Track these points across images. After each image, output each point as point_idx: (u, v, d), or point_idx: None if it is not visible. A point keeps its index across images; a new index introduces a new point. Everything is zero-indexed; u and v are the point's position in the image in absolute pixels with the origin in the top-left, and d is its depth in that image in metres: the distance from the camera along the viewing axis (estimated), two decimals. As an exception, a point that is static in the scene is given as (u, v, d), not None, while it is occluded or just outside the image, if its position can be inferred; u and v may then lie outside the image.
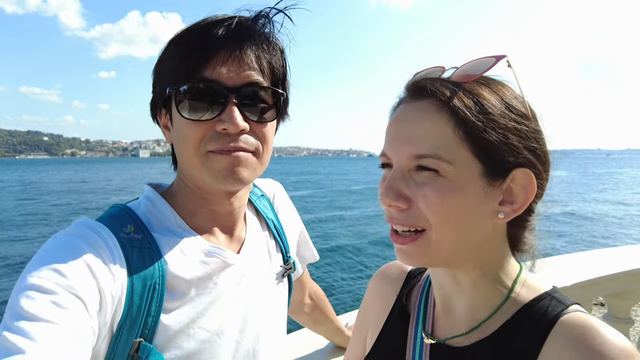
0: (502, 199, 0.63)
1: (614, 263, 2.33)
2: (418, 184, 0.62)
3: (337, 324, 1.48)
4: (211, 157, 0.78)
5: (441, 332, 0.74)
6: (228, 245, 0.90)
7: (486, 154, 0.60)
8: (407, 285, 0.86)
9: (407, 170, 0.63)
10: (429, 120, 0.61)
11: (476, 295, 0.69)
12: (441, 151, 0.59)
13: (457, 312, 0.72)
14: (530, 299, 0.66)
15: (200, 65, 0.77)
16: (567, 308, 0.63)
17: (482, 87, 0.62)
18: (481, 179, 0.60)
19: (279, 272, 1.01)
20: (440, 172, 0.59)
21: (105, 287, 0.68)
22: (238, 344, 0.85)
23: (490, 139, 0.59)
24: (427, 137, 0.60)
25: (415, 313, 0.79)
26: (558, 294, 0.67)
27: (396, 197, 0.62)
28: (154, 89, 0.86)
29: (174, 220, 0.84)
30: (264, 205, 1.06)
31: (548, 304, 0.65)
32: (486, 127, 0.59)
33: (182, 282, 0.79)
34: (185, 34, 0.80)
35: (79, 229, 0.73)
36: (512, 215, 0.63)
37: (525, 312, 0.65)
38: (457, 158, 0.59)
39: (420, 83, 0.64)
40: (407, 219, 0.63)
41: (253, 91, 0.80)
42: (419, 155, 0.60)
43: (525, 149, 0.61)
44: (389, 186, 0.63)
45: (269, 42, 0.82)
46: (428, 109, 0.61)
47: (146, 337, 0.73)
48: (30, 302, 0.60)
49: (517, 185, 0.62)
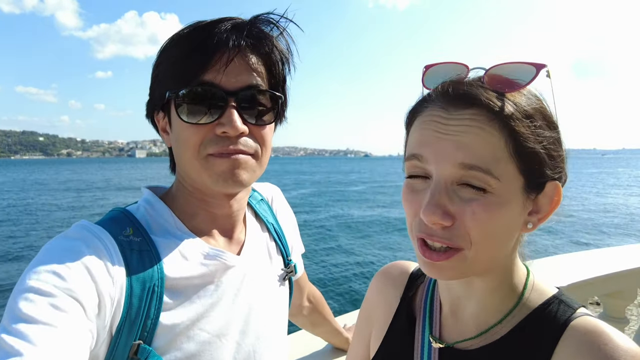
0: (531, 209, 0.62)
1: (609, 263, 2.36)
2: (464, 200, 0.58)
3: (335, 325, 1.49)
4: (211, 160, 0.79)
5: (449, 335, 0.73)
6: (228, 247, 0.91)
7: (531, 169, 0.58)
8: (410, 286, 0.84)
9: (451, 183, 0.58)
10: (480, 130, 0.56)
11: (489, 300, 0.68)
12: (493, 165, 0.56)
13: (466, 315, 0.71)
14: (540, 303, 0.66)
15: (199, 68, 0.77)
16: (576, 312, 0.63)
17: (523, 97, 0.59)
18: (522, 193, 0.59)
19: (281, 274, 1.02)
20: (487, 189, 0.57)
21: (104, 290, 0.68)
22: (239, 346, 0.86)
23: (538, 152, 0.58)
24: (480, 147, 0.56)
25: (421, 316, 0.78)
26: (565, 297, 0.67)
27: (443, 215, 0.57)
28: (152, 92, 0.86)
29: (173, 223, 0.85)
30: (264, 209, 1.06)
31: (557, 308, 0.64)
32: (534, 142, 0.57)
33: (181, 284, 0.79)
34: (183, 37, 0.80)
35: (78, 231, 0.73)
36: (538, 225, 0.62)
37: (536, 316, 0.65)
38: (504, 173, 0.57)
39: (460, 88, 0.59)
40: (450, 236, 0.59)
41: (252, 94, 0.80)
42: (469, 165, 0.56)
43: (561, 160, 0.61)
44: (436, 203, 0.58)
45: (268, 45, 0.83)
46: (477, 119, 0.57)
47: (145, 339, 0.73)
48: (28, 305, 0.60)
49: (544, 196, 0.61)
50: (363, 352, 0.91)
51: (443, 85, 0.62)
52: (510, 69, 0.58)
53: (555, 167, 0.60)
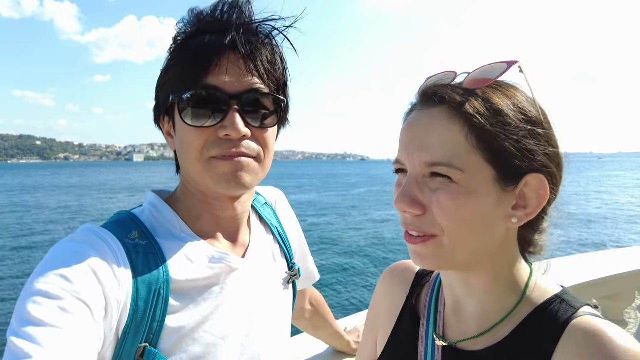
0: (515, 203, 0.63)
1: (607, 266, 2.37)
2: (432, 190, 0.62)
3: (337, 328, 1.49)
4: (214, 162, 0.79)
5: (452, 334, 0.73)
6: (232, 250, 0.91)
7: (499, 160, 0.60)
8: (416, 285, 0.85)
9: (422, 176, 0.63)
10: (441, 128, 0.61)
11: (488, 298, 0.69)
12: (454, 159, 0.60)
13: (468, 314, 0.72)
14: (541, 302, 0.66)
15: (202, 72, 0.78)
16: (578, 311, 0.63)
17: (494, 92, 0.62)
18: (494, 185, 0.61)
19: (285, 278, 1.02)
20: (453, 179, 0.60)
21: (110, 293, 0.68)
22: (243, 348, 0.86)
23: (503, 144, 0.59)
24: (440, 145, 0.60)
25: (425, 314, 0.78)
26: (568, 296, 0.67)
27: (411, 203, 0.63)
28: (157, 96, 0.87)
29: (178, 226, 0.85)
30: (268, 213, 1.07)
31: (559, 308, 0.64)
32: (499, 133, 0.59)
33: (187, 286, 0.79)
34: (186, 41, 0.82)
35: (84, 235, 0.74)
36: (525, 220, 0.63)
37: (537, 316, 0.65)
38: (469, 165, 0.60)
39: (431, 89, 0.64)
40: (421, 225, 0.63)
41: (254, 97, 0.81)
42: (432, 163, 0.61)
43: (539, 153, 0.61)
44: (404, 192, 0.63)
45: (270, 49, 0.84)
46: (440, 116, 0.62)
47: (151, 342, 0.74)
48: (36, 308, 0.60)
49: (530, 190, 0.62)
50: (372, 350, 0.92)
51: (421, 88, 0.67)
52: (486, 69, 0.63)
53: (532, 160, 0.60)
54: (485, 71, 0.62)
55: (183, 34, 0.83)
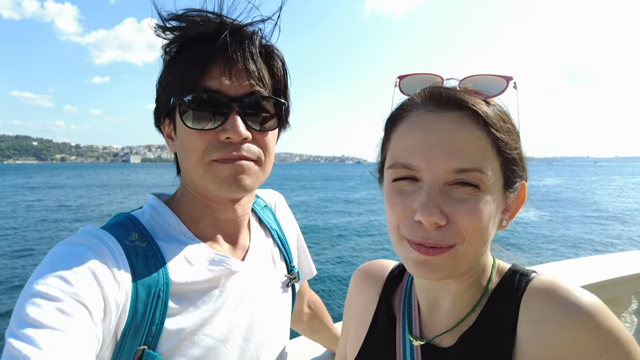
0: (504, 208, 0.66)
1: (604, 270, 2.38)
2: (457, 199, 0.59)
3: (335, 332, 1.48)
4: (215, 166, 0.79)
5: (427, 332, 0.75)
6: (232, 252, 0.91)
7: (508, 168, 0.63)
8: (389, 285, 0.86)
9: (444, 184, 0.60)
10: (469, 134, 0.60)
11: (463, 296, 0.71)
12: (485, 164, 0.60)
13: (442, 312, 0.73)
14: (498, 282, 0.70)
15: (203, 75, 0.78)
16: (530, 276, 0.67)
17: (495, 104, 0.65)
18: (502, 192, 0.64)
19: (284, 281, 1.02)
20: (481, 187, 0.59)
21: (110, 295, 0.68)
22: (242, 351, 0.86)
23: (512, 153, 0.63)
24: (470, 151, 0.59)
25: (400, 315, 0.80)
26: (519, 267, 0.71)
27: (440, 215, 0.59)
28: (158, 99, 0.86)
29: (178, 228, 0.85)
30: (268, 216, 1.07)
31: (512, 279, 0.68)
32: (513, 143, 0.63)
33: (186, 289, 0.79)
34: (187, 43, 0.81)
35: (84, 237, 0.74)
36: (509, 223, 0.67)
37: (496, 295, 0.69)
38: (492, 172, 0.61)
39: (451, 93, 0.63)
40: (444, 237, 0.60)
41: (255, 100, 0.81)
42: (462, 169, 0.58)
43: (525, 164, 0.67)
44: (433, 202, 0.59)
45: (270, 52, 0.84)
46: (463, 122, 0.61)
47: (150, 344, 0.73)
48: (36, 309, 0.60)
49: (514, 195, 0.67)
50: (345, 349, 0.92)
51: (432, 89, 0.64)
52: (481, 81, 0.64)
53: (524, 168, 0.67)
54: (482, 83, 0.65)
55: (182, 36, 0.83)
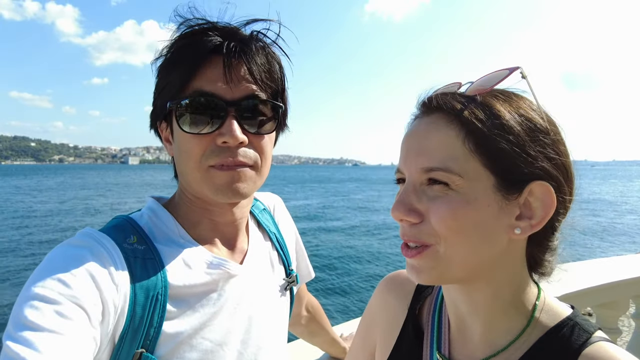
0: (519, 213, 0.59)
1: (602, 274, 2.38)
2: (430, 198, 0.60)
3: (333, 335, 1.49)
4: (212, 172, 0.79)
5: (458, 354, 0.70)
6: (230, 256, 0.91)
7: (498, 165, 0.58)
8: (417, 298, 0.82)
9: (419, 184, 0.62)
10: (438, 133, 0.60)
11: (493, 317, 0.65)
12: (451, 163, 0.58)
13: (474, 334, 0.68)
14: (552, 326, 0.63)
15: (199, 79, 0.78)
16: (591, 337, 0.60)
17: (496, 99, 0.61)
18: (495, 193, 0.58)
19: (282, 284, 1.02)
20: (451, 186, 0.58)
21: (108, 298, 0.68)
22: (240, 355, 0.85)
23: (502, 150, 0.57)
24: (437, 150, 0.60)
25: (428, 331, 0.76)
26: (580, 319, 0.63)
27: (407, 211, 0.61)
28: (154, 102, 0.86)
29: (177, 231, 0.85)
30: (266, 219, 1.07)
31: (571, 333, 0.61)
32: (496, 137, 0.57)
33: (185, 292, 0.79)
34: (182, 47, 0.80)
35: (82, 239, 0.74)
36: (530, 231, 0.59)
37: (547, 341, 0.62)
38: (467, 170, 0.58)
39: (431, 98, 0.64)
40: (417, 233, 0.61)
41: (252, 104, 0.80)
42: (428, 168, 0.60)
43: (543, 160, 0.58)
44: (400, 200, 0.62)
45: (267, 55, 0.83)
46: (438, 122, 0.61)
47: (148, 347, 0.73)
48: (33, 312, 0.60)
49: (535, 199, 0.58)
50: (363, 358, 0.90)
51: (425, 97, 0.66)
52: (489, 77, 0.63)
53: (535, 166, 0.58)
54: (487, 79, 0.62)
55: (179, 38, 0.82)
